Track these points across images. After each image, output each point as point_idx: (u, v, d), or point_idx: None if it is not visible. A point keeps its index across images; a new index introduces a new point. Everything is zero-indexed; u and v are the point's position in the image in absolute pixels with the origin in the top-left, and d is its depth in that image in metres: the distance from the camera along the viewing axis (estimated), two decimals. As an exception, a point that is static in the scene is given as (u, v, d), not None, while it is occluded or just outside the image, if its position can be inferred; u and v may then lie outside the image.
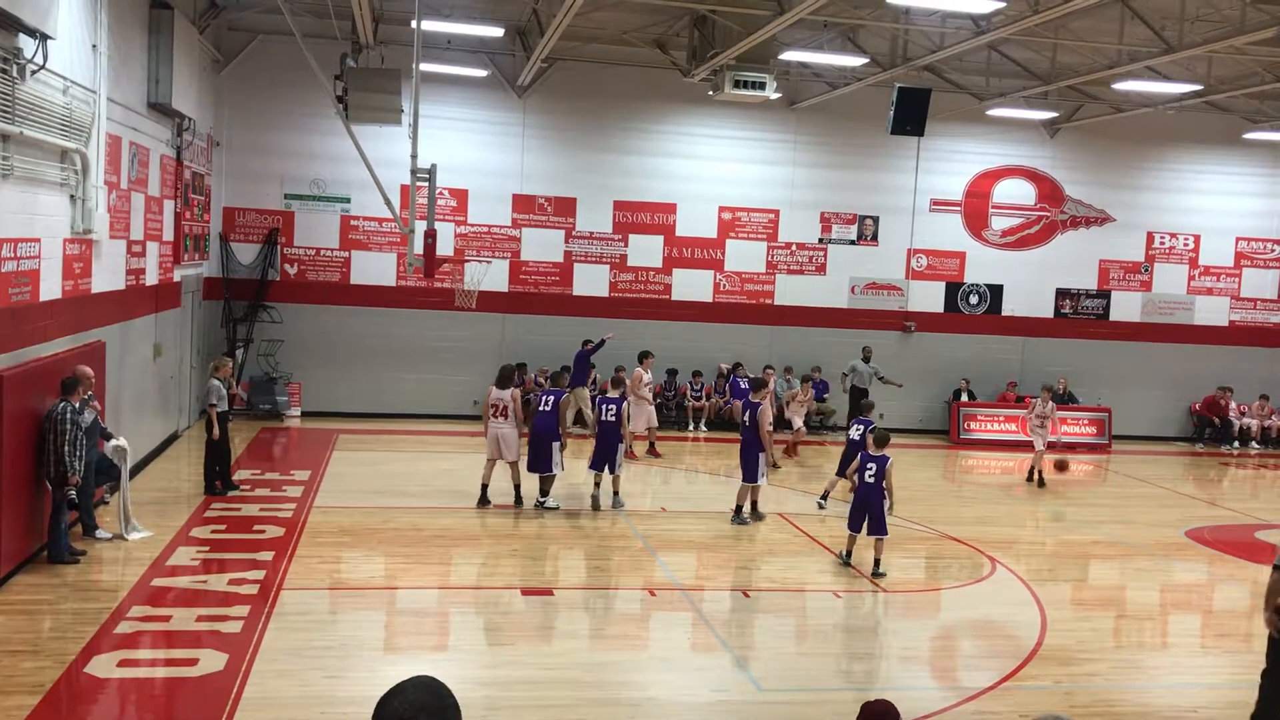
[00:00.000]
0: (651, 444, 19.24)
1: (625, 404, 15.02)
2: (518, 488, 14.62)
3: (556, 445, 14.41)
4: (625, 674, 9.21)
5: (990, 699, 8.93)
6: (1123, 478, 19.61)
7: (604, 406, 14.91)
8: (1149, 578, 13.37)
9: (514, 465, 14.58)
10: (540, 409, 14.60)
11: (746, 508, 14.59)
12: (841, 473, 15.56)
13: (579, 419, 19.87)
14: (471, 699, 7.85)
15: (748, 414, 14.54)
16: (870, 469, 12.37)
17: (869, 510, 12.34)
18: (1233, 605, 12.77)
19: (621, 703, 8.53)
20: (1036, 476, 18.14)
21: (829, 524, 14.60)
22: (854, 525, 12.56)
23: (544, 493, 14.61)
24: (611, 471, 14.67)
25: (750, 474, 14.37)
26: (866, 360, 21.75)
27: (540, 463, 14.46)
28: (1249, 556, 14.50)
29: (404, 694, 2.48)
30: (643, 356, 19.53)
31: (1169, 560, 14.00)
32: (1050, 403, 18.44)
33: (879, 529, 12.32)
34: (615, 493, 14.86)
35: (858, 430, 15.30)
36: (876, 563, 12.30)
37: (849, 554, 12.58)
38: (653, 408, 19.38)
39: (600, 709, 8.35)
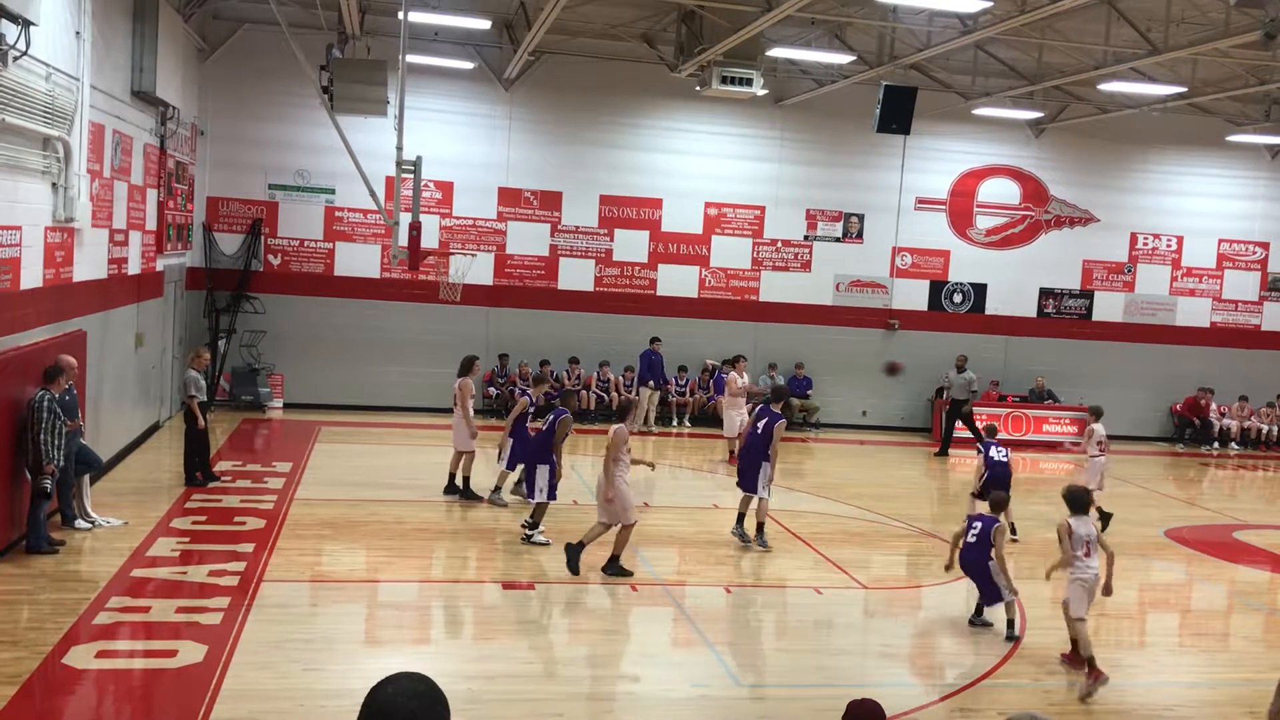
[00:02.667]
0: (732, 451, 17.94)
1: (561, 420, 12.83)
2: (451, 477, 14.62)
3: (545, 470, 12.71)
4: (605, 668, 9.22)
5: (969, 696, 8.97)
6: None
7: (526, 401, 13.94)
8: (1128, 577, 13.42)
9: (457, 454, 14.57)
10: (543, 427, 13.16)
11: (751, 526, 13.11)
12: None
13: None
14: (452, 693, 7.80)
15: (763, 422, 13.08)
16: (975, 529, 10.63)
17: (975, 575, 10.64)
18: (1210, 605, 12.88)
19: (602, 697, 8.55)
20: None
21: (810, 520, 14.63)
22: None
23: (534, 523, 12.78)
24: (528, 495, 12.99)
25: (750, 483, 13.01)
26: (961, 370, 20.94)
27: (528, 486, 13.02)
28: (1227, 556, 14.62)
29: (398, 682, 2.52)
30: (736, 360, 18.92)
31: (1148, 560, 14.08)
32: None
33: (991, 596, 10.56)
34: (534, 524, 12.79)
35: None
36: (1010, 624, 10.47)
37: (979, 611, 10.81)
38: (744, 413, 17.62)
39: (581, 703, 8.36)
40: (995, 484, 13.29)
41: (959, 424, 20.92)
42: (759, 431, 13.09)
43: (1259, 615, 12.22)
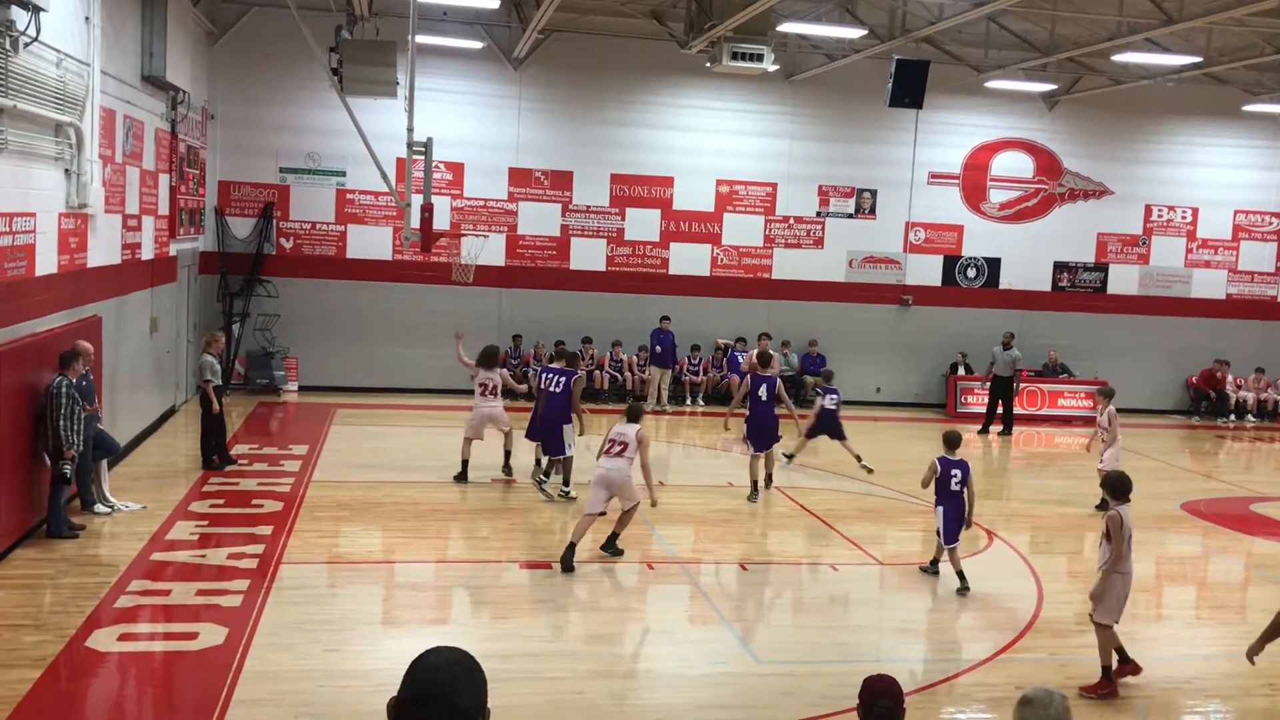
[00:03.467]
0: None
1: (575, 379, 13.85)
2: (508, 454, 14.67)
3: (568, 428, 13.60)
4: (623, 646, 9.26)
5: (986, 671, 8.98)
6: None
7: (545, 377, 14.02)
8: (1144, 550, 13.35)
9: (507, 434, 14.63)
10: (550, 390, 13.72)
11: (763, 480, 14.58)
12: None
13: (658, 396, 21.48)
14: (471, 672, 7.86)
15: (764, 387, 14.33)
16: (957, 475, 11.09)
17: (958, 516, 11.06)
18: (1227, 577, 12.85)
19: (620, 675, 8.58)
20: None
21: (824, 497, 14.65)
22: (953, 538, 11.10)
23: (565, 480, 13.80)
24: (560, 454, 13.76)
25: (769, 443, 14.54)
26: (1007, 347, 20.93)
27: (553, 446, 13.72)
28: (1244, 529, 14.58)
29: (437, 653, 2.64)
30: (761, 337, 18.69)
31: (1164, 533, 14.05)
32: None
33: (954, 535, 11.10)
34: (565, 481, 13.83)
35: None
36: (960, 575, 10.99)
37: (962, 575, 10.97)
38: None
39: (599, 681, 8.40)
40: (824, 429, 16.11)
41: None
42: (764, 399, 14.30)
43: (1276, 587, 12.19)
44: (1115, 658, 8.70)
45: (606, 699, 8.09)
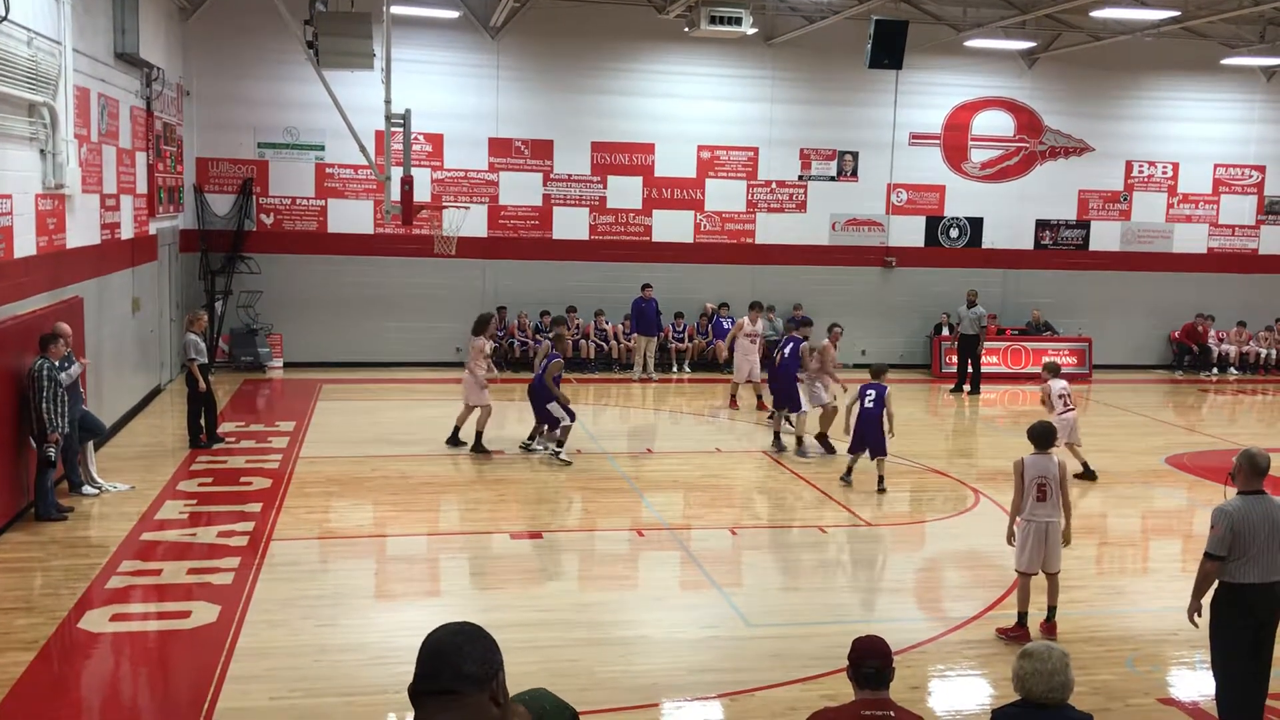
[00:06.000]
0: (733, 395, 18.70)
1: (550, 363, 14.37)
2: (456, 429, 14.75)
3: (553, 405, 14.14)
4: (616, 613, 9.31)
5: (975, 628, 9.07)
6: (1103, 406, 19.80)
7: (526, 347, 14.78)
8: (1130, 505, 13.55)
9: (467, 409, 14.65)
10: (537, 365, 14.47)
11: (791, 439, 15.31)
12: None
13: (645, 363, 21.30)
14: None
15: (789, 348, 15.33)
16: (871, 395, 13.46)
17: (872, 433, 13.34)
18: (1212, 529, 12.97)
19: (613, 642, 8.64)
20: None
21: (812, 459, 14.71)
22: (856, 448, 13.57)
23: (559, 443, 14.29)
24: (552, 426, 14.37)
25: (788, 401, 15.17)
26: (971, 305, 20.72)
27: (542, 416, 14.35)
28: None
29: (444, 627, 2.73)
30: (753, 306, 18.77)
31: (1150, 487, 14.18)
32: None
33: (882, 449, 13.37)
34: (555, 443, 14.35)
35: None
36: (880, 479, 13.26)
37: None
38: (755, 359, 18.24)
39: (592, 648, 8.45)
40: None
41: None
42: (786, 356, 15.23)
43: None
44: (1052, 608, 8.98)
45: (600, 666, 8.15)
